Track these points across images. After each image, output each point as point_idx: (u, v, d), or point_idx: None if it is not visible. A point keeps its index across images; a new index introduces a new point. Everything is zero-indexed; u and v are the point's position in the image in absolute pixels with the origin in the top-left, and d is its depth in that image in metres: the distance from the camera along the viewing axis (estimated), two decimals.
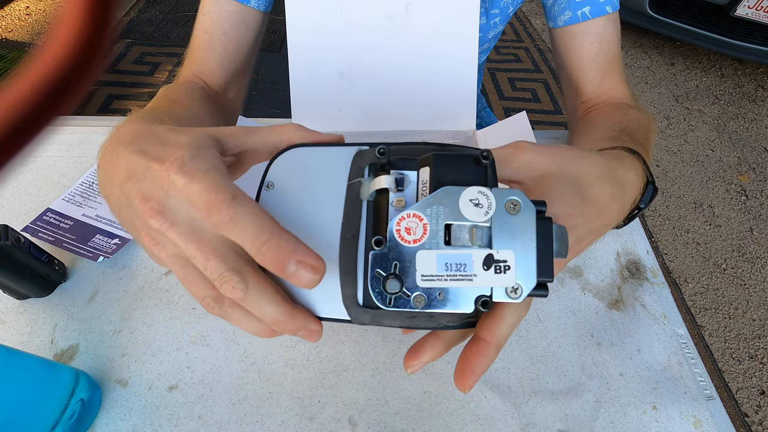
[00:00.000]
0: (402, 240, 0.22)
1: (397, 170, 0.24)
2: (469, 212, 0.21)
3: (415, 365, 0.25)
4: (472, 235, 0.22)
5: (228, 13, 0.51)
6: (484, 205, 0.21)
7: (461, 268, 0.22)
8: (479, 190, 0.22)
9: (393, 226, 0.22)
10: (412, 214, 0.22)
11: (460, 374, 0.23)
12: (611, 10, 0.52)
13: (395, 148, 0.25)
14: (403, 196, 0.23)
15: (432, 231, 0.22)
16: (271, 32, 2.24)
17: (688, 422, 0.39)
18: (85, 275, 0.46)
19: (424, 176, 0.23)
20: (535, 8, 2.61)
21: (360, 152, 0.25)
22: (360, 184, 0.25)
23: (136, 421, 0.37)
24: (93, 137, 0.59)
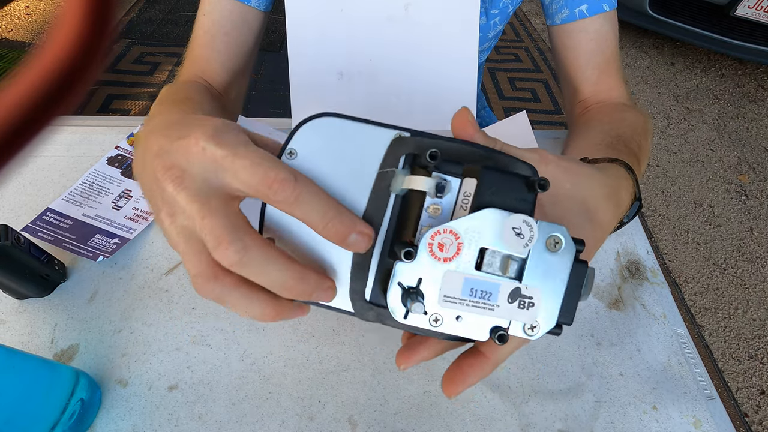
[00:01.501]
0: (432, 255, 0.21)
1: (440, 173, 0.21)
2: (509, 241, 0.20)
3: (408, 363, 0.25)
4: (506, 266, 0.21)
5: (229, 12, 0.51)
6: (526, 236, 0.20)
7: (485, 296, 0.21)
8: (525, 220, 0.20)
9: (427, 238, 0.20)
10: (449, 230, 0.20)
11: (449, 381, 0.24)
12: (608, 8, 0.52)
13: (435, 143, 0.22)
14: (440, 204, 0.21)
15: (465, 252, 0.21)
16: (271, 32, 2.24)
17: (688, 422, 0.39)
18: (85, 275, 0.46)
19: (467, 188, 0.21)
20: (535, 8, 2.61)
21: (399, 138, 0.23)
22: (393, 175, 0.23)
23: (136, 421, 0.37)
24: (93, 137, 0.59)
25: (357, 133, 0.23)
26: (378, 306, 0.23)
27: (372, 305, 0.23)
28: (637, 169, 0.37)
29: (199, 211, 0.20)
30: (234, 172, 0.20)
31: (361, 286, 0.23)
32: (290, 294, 0.21)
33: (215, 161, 0.20)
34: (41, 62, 0.08)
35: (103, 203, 0.51)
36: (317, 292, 0.22)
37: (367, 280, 0.23)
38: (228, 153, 0.20)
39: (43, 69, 0.08)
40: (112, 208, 0.51)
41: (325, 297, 0.22)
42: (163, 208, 0.22)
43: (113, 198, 0.52)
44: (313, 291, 0.22)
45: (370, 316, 0.23)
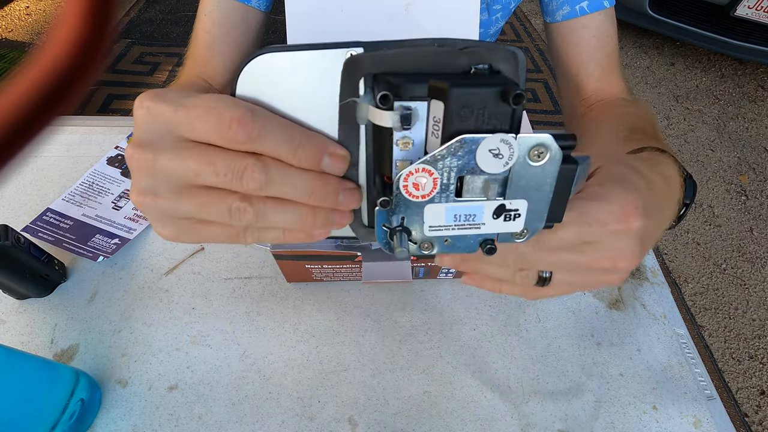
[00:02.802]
0: (409, 195, 0.20)
1: (403, 101, 0.19)
2: (486, 164, 0.19)
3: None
4: (487, 188, 0.20)
5: (230, 13, 0.51)
6: (505, 155, 0.19)
7: (470, 218, 0.21)
8: (502, 138, 0.18)
9: (400, 182, 0.19)
10: (421, 168, 0.19)
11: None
12: (609, 4, 0.52)
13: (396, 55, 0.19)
14: (410, 136, 0.20)
15: (443, 185, 0.19)
16: (271, 32, 2.24)
17: (688, 422, 0.39)
18: (85, 275, 0.46)
19: (436, 112, 0.19)
20: (535, 8, 2.61)
21: (351, 60, 0.19)
22: (355, 105, 0.20)
23: (136, 421, 0.37)
24: (93, 137, 0.59)
25: (303, 63, 0.20)
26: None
27: (371, 228, 0.23)
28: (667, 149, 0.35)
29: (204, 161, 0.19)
30: (188, 124, 0.19)
31: (357, 216, 0.23)
32: (318, 199, 0.21)
33: (163, 117, 0.19)
34: (41, 62, 0.08)
35: (103, 203, 0.51)
36: (343, 191, 0.21)
37: (362, 210, 0.23)
38: (173, 106, 0.19)
39: (43, 69, 0.08)
40: (112, 208, 0.51)
41: (352, 198, 0.22)
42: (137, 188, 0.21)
43: (113, 198, 0.52)
44: (337, 191, 0.21)
45: (372, 238, 0.23)
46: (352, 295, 0.46)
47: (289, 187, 0.20)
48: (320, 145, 0.20)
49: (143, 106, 0.19)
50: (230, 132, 0.19)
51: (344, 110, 0.20)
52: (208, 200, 0.20)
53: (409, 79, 0.19)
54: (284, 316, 0.44)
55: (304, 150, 0.20)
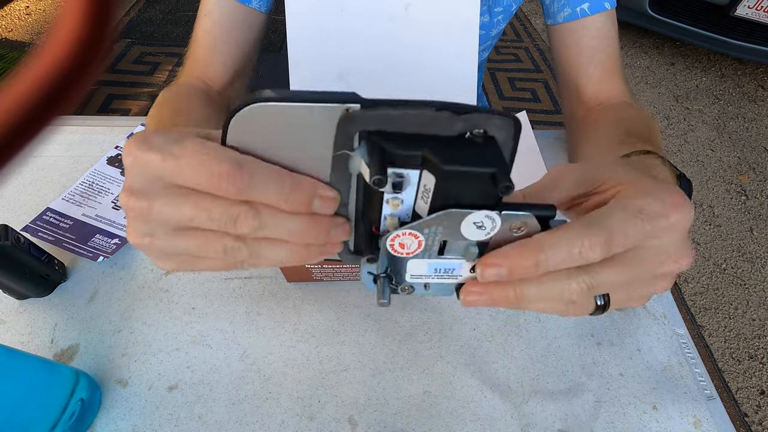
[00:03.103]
0: (395, 252, 0.21)
1: (396, 168, 0.19)
2: (469, 233, 0.20)
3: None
4: (467, 251, 0.21)
5: (230, 14, 0.51)
6: (488, 227, 0.20)
7: (449, 272, 0.23)
8: (487, 215, 0.20)
9: (387, 240, 0.21)
10: (408, 232, 0.20)
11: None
12: (609, 6, 0.52)
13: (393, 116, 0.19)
14: (399, 198, 0.21)
15: (427, 246, 0.21)
16: (271, 32, 2.24)
17: (688, 422, 0.39)
18: (85, 275, 0.46)
19: (427, 182, 0.20)
20: (535, 8, 2.61)
21: (347, 116, 0.19)
22: (347, 157, 0.21)
23: (136, 421, 0.37)
24: (93, 137, 0.59)
25: (298, 114, 0.19)
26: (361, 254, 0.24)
27: (357, 254, 0.24)
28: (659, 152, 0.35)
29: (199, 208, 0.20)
30: (177, 173, 0.19)
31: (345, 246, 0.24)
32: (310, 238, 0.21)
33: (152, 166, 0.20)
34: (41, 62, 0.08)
35: (103, 203, 0.51)
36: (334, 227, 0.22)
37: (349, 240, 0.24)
38: (160, 155, 0.19)
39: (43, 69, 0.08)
40: (112, 208, 0.51)
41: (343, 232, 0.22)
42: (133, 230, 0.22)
43: (113, 198, 0.52)
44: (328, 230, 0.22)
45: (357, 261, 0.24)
46: (352, 295, 0.46)
47: (282, 230, 0.21)
48: (311, 190, 0.21)
49: (131, 154, 0.20)
50: (220, 186, 0.19)
51: (337, 160, 0.21)
52: (204, 241, 0.21)
53: (403, 146, 0.19)
54: (284, 316, 0.44)
55: (294, 196, 0.20)
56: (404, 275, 0.23)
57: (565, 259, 0.20)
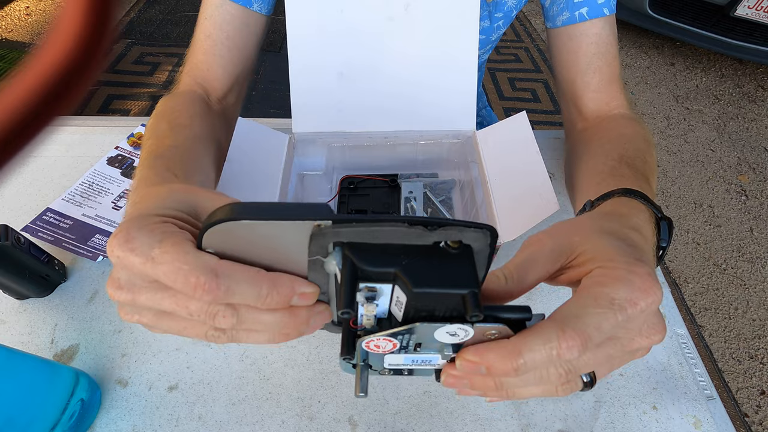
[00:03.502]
0: (371, 350, 0.22)
1: (368, 283, 0.19)
2: (443, 338, 0.21)
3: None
4: (442, 349, 0.22)
5: (231, 17, 0.51)
6: (461, 336, 0.20)
7: (426, 362, 0.23)
8: (460, 327, 0.20)
9: (362, 344, 0.21)
10: (382, 337, 0.21)
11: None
12: (608, 12, 0.52)
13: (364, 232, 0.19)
14: (375, 304, 0.21)
15: (402, 347, 0.22)
16: (271, 32, 2.24)
17: (688, 422, 0.39)
18: (85, 275, 0.46)
19: (399, 295, 0.20)
20: (535, 8, 2.61)
21: (319, 231, 0.19)
22: (323, 263, 0.21)
23: (136, 421, 0.37)
24: (93, 137, 0.59)
25: (270, 231, 0.20)
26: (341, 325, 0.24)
27: (339, 325, 0.25)
28: (647, 188, 0.35)
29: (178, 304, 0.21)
30: (156, 276, 0.21)
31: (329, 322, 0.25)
32: (289, 331, 0.23)
33: (134, 268, 0.21)
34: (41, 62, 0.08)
35: (103, 203, 0.51)
36: (313, 317, 0.23)
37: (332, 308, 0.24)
38: (141, 258, 0.20)
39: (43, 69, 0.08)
40: (112, 208, 0.51)
41: (322, 319, 0.23)
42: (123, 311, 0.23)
43: (113, 198, 0.52)
44: (307, 321, 0.23)
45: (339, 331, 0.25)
46: None
47: (260, 325, 0.22)
48: (288, 289, 0.21)
49: (114, 254, 0.21)
50: (196, 295, 0.20)
51: (313, 263, 0.21)
52: (186, 327, 0.23)
53: (376, 262, 0.19)
54: None
55: (272, 297, 0.21)
56: (383, 364, 0.23)
57: (543, 360, 0.21)
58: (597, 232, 0.27)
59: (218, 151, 0.45)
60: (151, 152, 0.37)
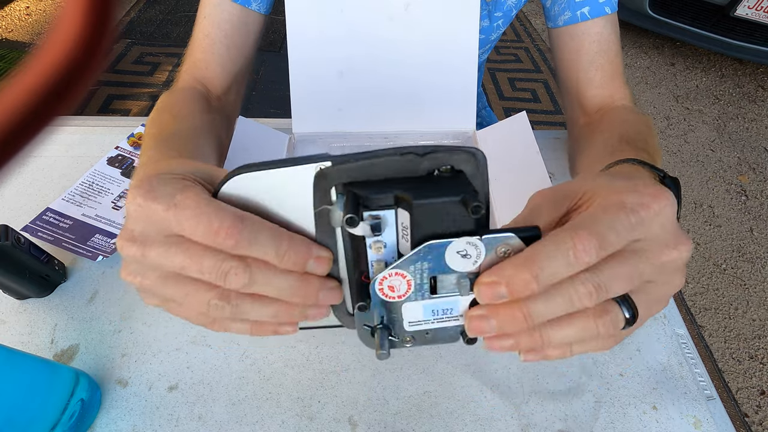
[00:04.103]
0: (386, 297, 0.21)
1: (371, 211, 0.20)
2: (456, 264, 0.20)
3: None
4: (459, 285, 0.21)
5: (229, 15, 0.51)
6: (473, 255, 0.20)
7: (447, 312, 0.22)
8: (468, 241, 0.20)
9: (375, 285, 0.21)
10: (394, 273, 0.20)
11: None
12: (610, 10, 0.52)
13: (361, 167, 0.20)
14: (381, 240, 0.21)
15: (417, 285, 0.21)
16: (271, 32, 2.24)
17: (688, 422, 0.39)
18: (85, 275, 0.46)
19: (403, 219, 0.20)
20: (535, 8, 2.61)
21: (320, 173, 0.21)
22: (328, 212, 0.22)
23: (136, 421, 0.37)
24: (93, 137, 0.59)
25: (276, 180, 0.21)
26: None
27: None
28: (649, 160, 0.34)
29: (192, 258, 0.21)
30: (178, 223, 0.20)
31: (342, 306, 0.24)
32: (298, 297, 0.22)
33: (155, 216, 0.21)
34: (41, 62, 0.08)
35: (103, 203, 0.51)
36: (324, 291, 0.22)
37: (345, 298, 0.23)
38: (164, 205, 0.20)
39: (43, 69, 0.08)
40: (112, 208, 0.51)
41: (332, 297, 0.22)
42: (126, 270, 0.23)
43: (113, 198, 0.52)
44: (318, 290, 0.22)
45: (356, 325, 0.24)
46: None
47: (271, 288, 0.21)
48: (306, 250, 0.21)
49: (135, 202, 0.21)
50: (218, 239, 0.20)
51: (319, 216, 0.22)
52: (190, 291, 0.22)
53: (375, 190, 0.20)
54: None
55: (290, 255, 0.21)
56: (402, 324, 0.22)
57: (562, 266, 0.19)
58: (601, 176, 0.26)
59: (219, 147, 0.46)
60: (155, 137, 0.38)
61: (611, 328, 0.21)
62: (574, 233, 0.20)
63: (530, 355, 0.22)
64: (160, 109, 0.45)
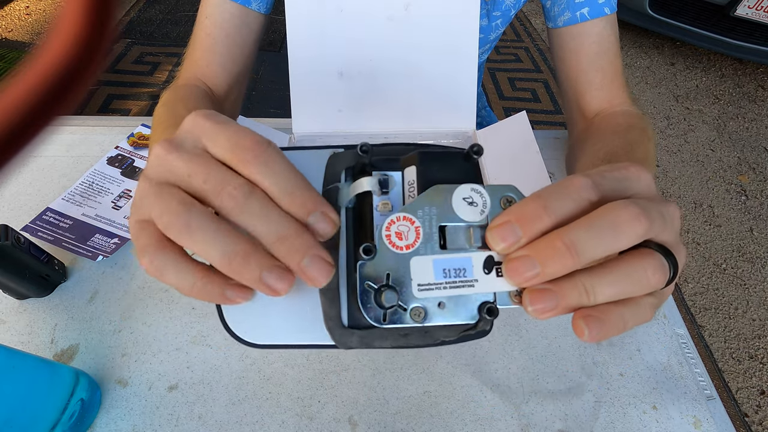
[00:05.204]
0: (393, 246, 0.20)
1: (380, 171, 0.21)
2: (463, 212, 0.20)
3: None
4: (470, 237, 0.20)
5: (230, 15, 0.51)
6: (479, 203, 0.20)
7: (461, 274, 0.20)
8: (472, 188, 0.20)
9: (382, 231, 0.20)
10: (402, 216, 0.20)
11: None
12: (609, 11, 0.52)
13: (375, 149, 0.22)
14: (388, 200, 0.21)
15: (425, 234, 0.20)
16: (271, 32, 2.24)
17: (688, 422, 0.39)
18: (85, 275, 0.46)
19: (410, 176, 0.21)
20: (535, 8, 2.61)
21: (335, 155, 0.23)
22: (337, 190, 0.22)
23: (136, 421, 0.37)
24: (93, 137, 0.59)
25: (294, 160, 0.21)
26: (359, 328, 0.21)
27: (353, 329, 0.21)
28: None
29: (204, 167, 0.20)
30: (214, 135, 0.20)
31: (335, 311, 0.21)
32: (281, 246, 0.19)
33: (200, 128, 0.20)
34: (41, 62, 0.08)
35: (103, 203, 0.51)
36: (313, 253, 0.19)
37: (341, 303, 0.21)
38: (209, 120, 0.20)
39: (43, 69, 0.08)
40: (112, 208, 0.51)
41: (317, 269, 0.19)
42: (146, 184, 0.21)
43: (113, 198, 0.52)
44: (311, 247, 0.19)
45: (353, 342, 0.21)
46: None
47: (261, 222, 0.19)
48: (316, 200, 0.20)
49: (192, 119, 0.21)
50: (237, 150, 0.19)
51: (327, 195, 0.22)
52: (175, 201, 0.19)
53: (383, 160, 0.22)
54: None
55: (302, 194, 0.19)
56: (411, 289, 0.19)
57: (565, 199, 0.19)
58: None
59: None
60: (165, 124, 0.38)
61: (659, 275, 0.19)
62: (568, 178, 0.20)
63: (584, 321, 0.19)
64: (165, 104, 0.45)
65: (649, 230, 0.19)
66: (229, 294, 0.20)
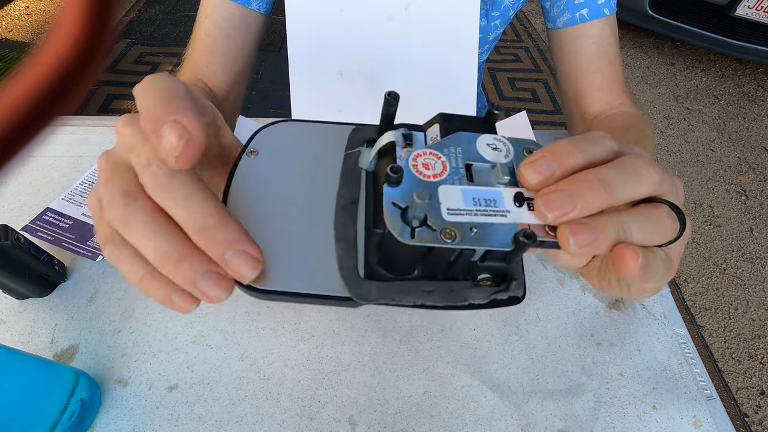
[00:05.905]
0: (420, 174, 0.18)
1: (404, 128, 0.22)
2: (488, 155, 0.20)
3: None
4: (498, 174, 0.19)
5: (230, 15, 0.51)
6: (503, 150, 0.20)
7: (491, 204, 0.18)
8: (495, 137, 0.21)
9: (409, 161, 0.19)
10: (428, 151, 0.19)
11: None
12: (609, 12, 0.52)
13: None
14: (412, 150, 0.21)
15: (452, 168, 0.19)
16: (271, 32, 2.24)
17: (688, 422, 0.39)
18: (85, 275, 0.46)
19: (432, 133, 0.22)
20: (535, 8, 2.61)
21: (357, 128, 0.24)
22: (359, 154, 0.23)
23: (136, 421, 0.37)
24: (93, 137, 0.59)
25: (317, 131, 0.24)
26: (376, 279, 0.20)
27: (370, 280, 0.20)
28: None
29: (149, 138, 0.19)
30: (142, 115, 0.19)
31: (352, 261, 0.20)
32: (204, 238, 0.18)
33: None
34: (41, 62, 0.08)
35: None
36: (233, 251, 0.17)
37: (358, 254, 0.20)
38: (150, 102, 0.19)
39: (43, 69, 0.08)
40: None
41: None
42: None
43: None
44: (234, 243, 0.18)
45: (371, 294, 0.20)
46: None
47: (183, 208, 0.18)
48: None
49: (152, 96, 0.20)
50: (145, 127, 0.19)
51: (348, 158, 0.23)
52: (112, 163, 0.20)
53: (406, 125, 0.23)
54: (284, 316, 0.44)
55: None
56: (440, 211, 0.18)
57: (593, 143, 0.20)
58: None
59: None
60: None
61: (674, 222, 0.20)
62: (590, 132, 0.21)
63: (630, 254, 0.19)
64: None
65: (661, 184, 0.20)
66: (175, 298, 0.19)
